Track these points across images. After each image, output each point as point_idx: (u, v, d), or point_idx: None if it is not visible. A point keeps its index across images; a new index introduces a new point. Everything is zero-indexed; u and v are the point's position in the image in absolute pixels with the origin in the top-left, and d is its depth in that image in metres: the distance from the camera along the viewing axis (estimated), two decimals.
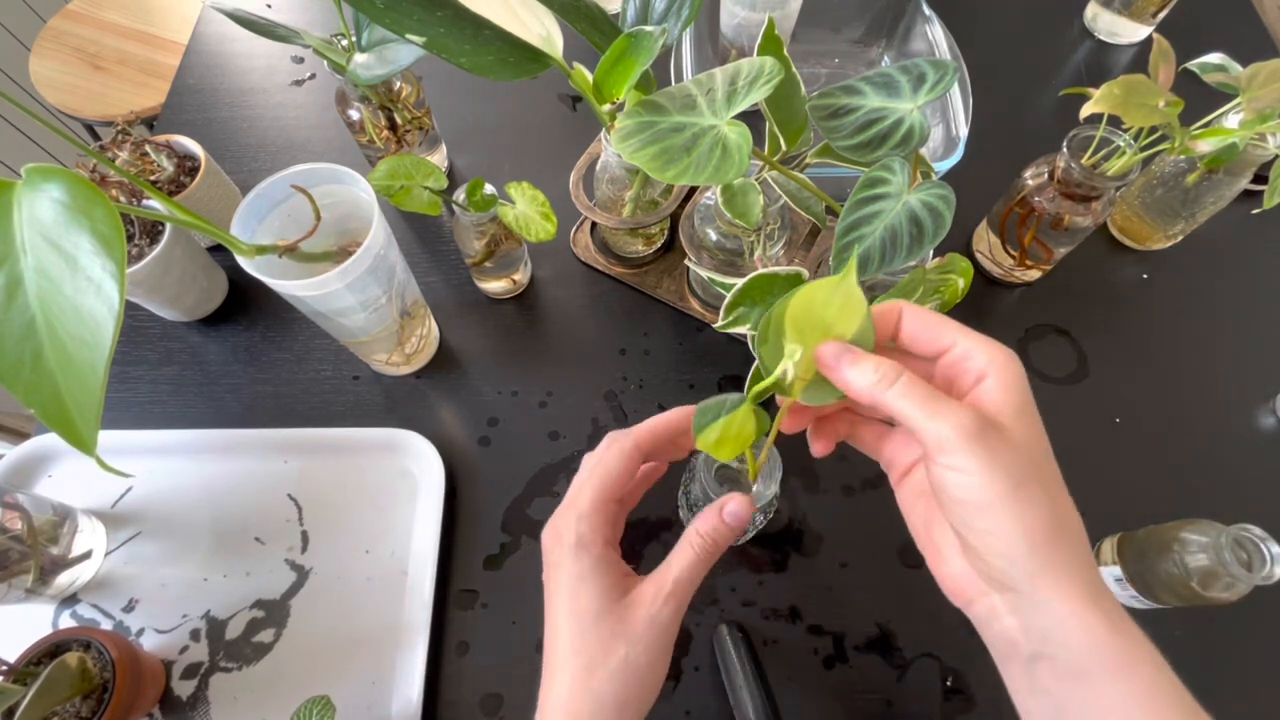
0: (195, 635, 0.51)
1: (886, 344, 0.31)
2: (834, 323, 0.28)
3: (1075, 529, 0.27)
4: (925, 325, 0.29)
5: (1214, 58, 0.69)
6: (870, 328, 0.27)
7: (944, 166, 0.56)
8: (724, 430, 0.29)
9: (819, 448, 0.33)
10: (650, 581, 0.32)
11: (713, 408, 0.30)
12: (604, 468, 0.33)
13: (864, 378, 0.27)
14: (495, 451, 0.58)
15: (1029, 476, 0.26)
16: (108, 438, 0.56)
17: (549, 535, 0.33)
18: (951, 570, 0.29)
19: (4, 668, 0.44)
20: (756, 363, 0.29)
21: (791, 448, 0.60)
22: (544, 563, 0.33)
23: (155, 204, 0.54)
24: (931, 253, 0.48)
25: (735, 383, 0.61)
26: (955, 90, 0.59)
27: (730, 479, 0.50)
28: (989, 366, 0.27)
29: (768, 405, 0.31)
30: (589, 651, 0.30)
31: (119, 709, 0.44)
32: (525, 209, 0.52)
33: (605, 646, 0.30)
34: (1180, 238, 0.65)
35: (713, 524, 0.32)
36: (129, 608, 0.52)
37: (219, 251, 0.66)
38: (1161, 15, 0.77)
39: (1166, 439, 0.59)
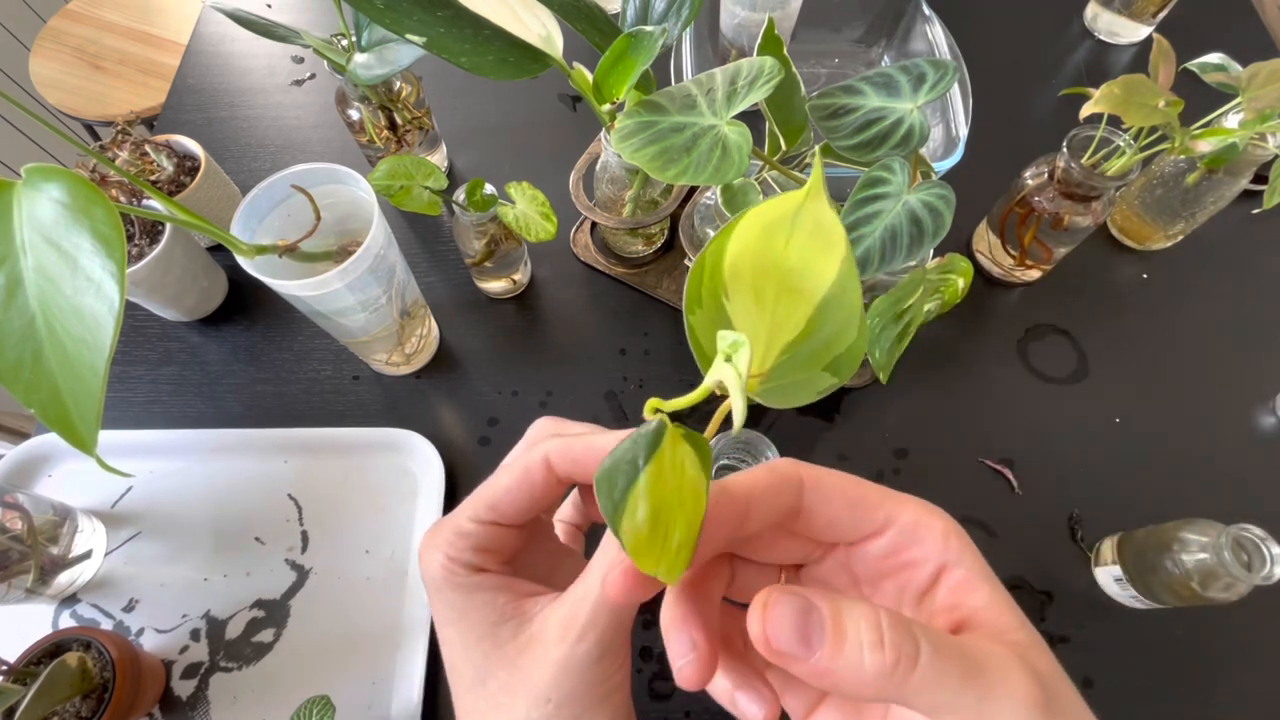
0: (195, 635, 0.51)
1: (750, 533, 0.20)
2: (800, 270, 0.17)
3: None
4: (844, 495, 0.20)
5: (1214, 58, 0.69)
6: (854, 275, 0.17)
7: (944, 166, 0.55)
8: (658, 499, 0.15)
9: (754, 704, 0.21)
10: (559, 607, 0.21)
11: (619, 472, 0.16)
12: (492, 489, 0.23)
13: (864, 663, 0.16)
14: (495, 451, 0.58)
15: None
16: (108, 438, 0.56)
17: (419, 562, 0.24)
18: None
19: (4, 668, 0.44)
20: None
21: (791, 447, 0.60)
22: None
23: (155, 204, 0.54)
24: (931, 252, 0.48)
25: None
26: (955, 90, 0.59)
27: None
28: (949, 551, 0.19)
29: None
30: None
31: (119, 709, 0.44)
32: (525, 209, 0.52)
33: (498, 713, 0.21)
34: (1180, 238, 0.65)
35: None
36: (129, 608, 0.52)
37: (219, 251, 0.66)
38: (1161, 15, 0.77)
39: (1166, 439, 0.59)
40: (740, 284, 0.18)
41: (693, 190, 0.58)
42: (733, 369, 0.16)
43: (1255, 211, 0.60)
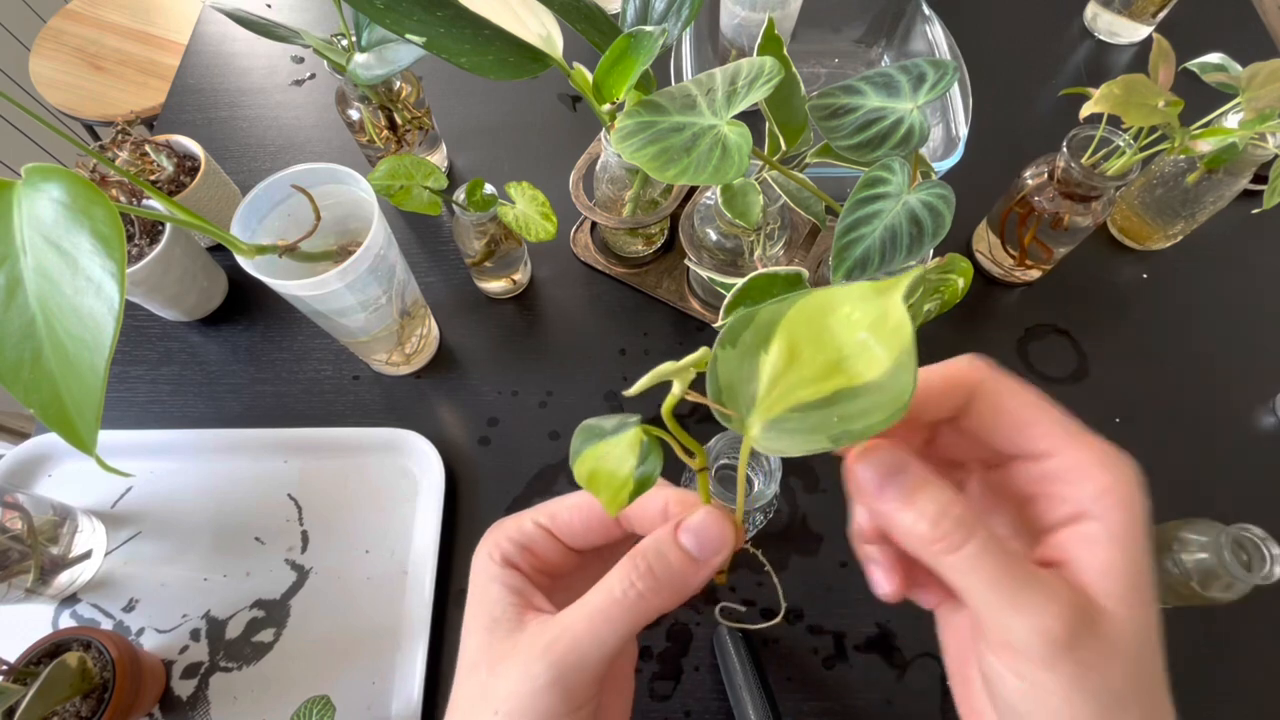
0: (195, 635, 0.51)
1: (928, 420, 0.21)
2: (855, 353, 0.18)
3: None
4: (1011, 415, 0.20)
5: (1214, 58, 0.69)
6: (909, 376, 0.17)
7: (944, 166, 0.55)
8: (597, 462, 0.20)
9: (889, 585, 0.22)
10: (542, 626, 0.21)
11: (594, 428, 0.20)
12: (560, 501, 0.24)
13: (917, 525, 0.19)
14: (495, 451, 0.58)
15: (1126, 699, 0.18)
16: (108, 438, 0.56)
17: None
18: None
19: (4, 668, 0.44)
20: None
21: None
22: None
23: (155, 204, 0.54)
24: (931, 252, 0.48)
25: None
26: (955, 90, 0.59)
27: (734, 481, 0.50)
28: (1097, 504, 0.19)
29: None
30: (459, 713, 0.22)
31: (119, 709, 0.44)
32: (525, 209, 0.52)
33: (471, 712, 0.21)
34: (1180, 238, 0.65)
35: (658, 548, 0.21)
36: (129, 607, 0.52)
37: (219, 251, 0.66)
38: (1161, 15, 0.77)
39: (1167, 439, 0.59)
40: (788, 342, 0.18)
41: (693, 190, 0.58)
42: (675, 363, 0.19)
43: (1255, 211, 0.59)
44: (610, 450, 0.19)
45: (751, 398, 0.19)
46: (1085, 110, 0.46)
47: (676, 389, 0.19)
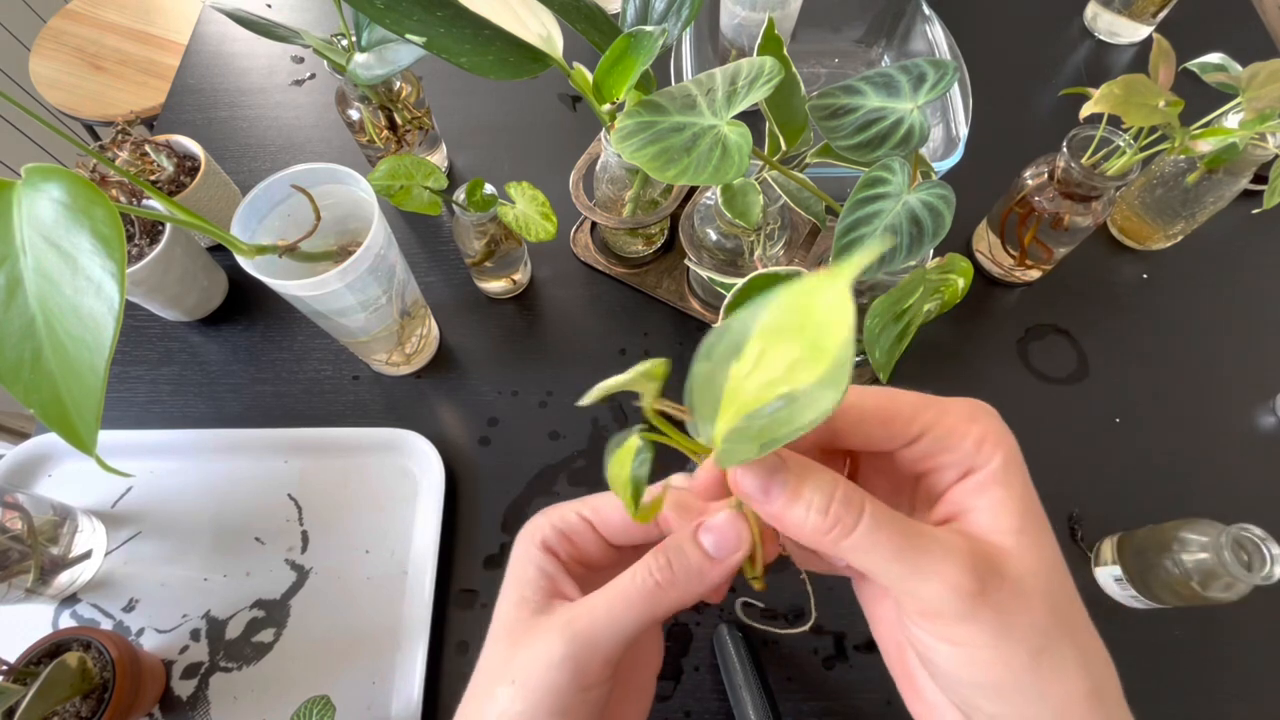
0: (195, 635, 0.51)
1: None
2: (805, 353, 0.16)
3: (1112, 689, 0.20)
4: (875, 421, 0.20)
5: (1214, 58, 0.69)
6: (848, 358, 0.15)
7: (944, 166, 0.55)
8: (613, 467, 0.21)
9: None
10: (566, 607, 0.22)
11: (615, 438, 0.22)
12: (605, 495, 0.25)
13: (808, 519, 0.19)
14: (495, 451, 0.58)
15: (1053, 633, 0.19)
16: (108, 438, 0.56)
17: None
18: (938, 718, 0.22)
19: (4, 668, 0.44)
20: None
21: None
22: None
23: (155, 204, 0.54)
24: (931, 252, 0.48)
25: None
26: (955, 90, 0.59)
27: None
28: (978, 455, 0.20)
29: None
30: (478, 683, 0.23)
31: (119, 709, 0.44)
32: (525, 209, 0.52)
33: (490, 681, 0.22)
34: (1180, 238, 0.65)
35: (679, 545, 0.22)
36: (129, 608, 0.52)
37: (219, 251, 0.66)
38: (1161, 15, 0.77)
39: (1167, 439, 0.59)
40: (756, 348, 0.17)
41: (693, 190, 0.58)
42: (621, 376, 0.20)
43: (1255, 211, 0.60)
44: (619, 456, 0.21)
45: (714, 412, 0.18)
46: (1085, 110, 0.46)
47: (645, 400, 0.20)
